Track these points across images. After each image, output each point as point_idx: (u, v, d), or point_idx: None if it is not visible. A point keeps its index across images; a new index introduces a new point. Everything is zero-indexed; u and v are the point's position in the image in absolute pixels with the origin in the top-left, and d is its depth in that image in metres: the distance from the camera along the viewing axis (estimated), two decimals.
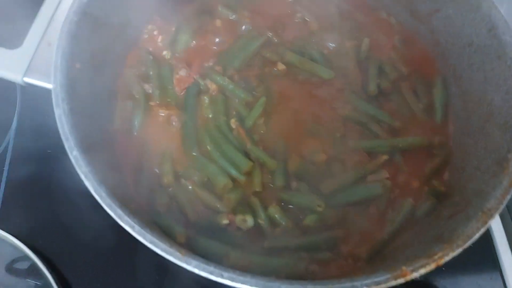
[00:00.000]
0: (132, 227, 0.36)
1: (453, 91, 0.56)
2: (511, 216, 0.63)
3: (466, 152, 0.50)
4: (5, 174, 0.62)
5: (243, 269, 0.39)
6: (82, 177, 0.38)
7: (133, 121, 0.53)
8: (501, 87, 0.47)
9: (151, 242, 0.35)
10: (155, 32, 0.59)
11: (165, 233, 0.41)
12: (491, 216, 0.38)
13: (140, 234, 0.36)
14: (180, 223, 0.47)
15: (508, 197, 0.39)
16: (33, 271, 0.55)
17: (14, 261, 0.57)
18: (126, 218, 0.36)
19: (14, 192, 0.61)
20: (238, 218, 0.47)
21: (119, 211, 0.36)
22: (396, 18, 0.62)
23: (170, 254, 0.35)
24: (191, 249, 0.43)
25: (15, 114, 0.66)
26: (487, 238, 0.59)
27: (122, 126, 0.53)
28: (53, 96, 0.41)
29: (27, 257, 0.55)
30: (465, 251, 0.37)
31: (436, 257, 0.36)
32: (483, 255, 0.59)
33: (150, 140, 0.52)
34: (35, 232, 0.58)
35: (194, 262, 0.35)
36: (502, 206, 0.38)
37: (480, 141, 0.48)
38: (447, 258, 0.36)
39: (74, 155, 0.38)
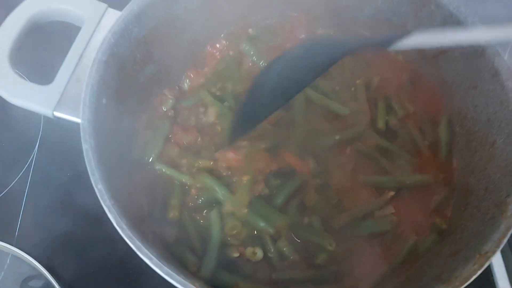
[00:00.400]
0: (150, 259, 0.39)
1: (457, 130, 0.58)
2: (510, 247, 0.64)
3: (469, 191, 0.52)
4: (25, 195, 0.66)
5: None
6: (106, 210, 0.41)
7: (151, 151, 0.57)
8: (503, 130, 0.49)
9: (167, 274, 0.38)
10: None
11: (178, 262, 0.44)
12: (487, 258, 0.40)
13: (157, 266, 0.39)
14: (191, 252, 0.50)
15: (505, 241, 0.41)
16: None
17: (28, 278, 0.60)
18: (144, 250, 0.39)
19: (33, 213, 0.65)
20: (248, 251, 0.50)
21: (138, 243, 0.39)
22: (404, 57, 0.64)
23: (185, 286, 0.38)
24: (202, 277, 0.46)
25: (38, 138, 0.70)
26: (487, 272, 0.61)
27: (140, 156, 0.57)
28: (81, 131, 0.45)
29: (41, 276, 0.59)
30: None
31: None
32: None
33: (163, 172, 0.55)
34: (51, 252, 0.62)
35: None
36: (499, 250, 0.40)
37: (481, 182, 0.50)
38: None
39: (99, 188, 0.42)
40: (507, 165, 0.47)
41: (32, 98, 0.49)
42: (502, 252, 0.63)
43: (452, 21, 0.55)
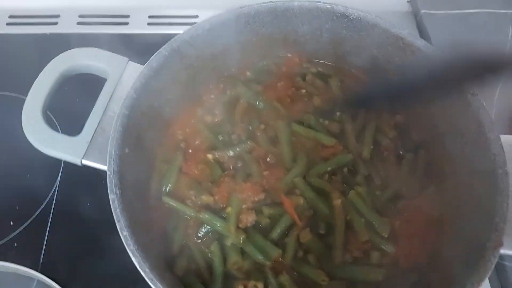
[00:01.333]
0: None
1: (447, 171, 0.63)
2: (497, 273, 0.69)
3: (457, 233, 0.57)
4: (48, 224, 0.72)
5: None
6: (130, 254, 0.47)
7: (167, 182, 0.62)
8: (486, 180, 0.54)
9: None
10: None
11: None
12: None
13: None
14: (201, 284, 0.55)
15: (482, 284, 0.46)
16: None
17: None
18: None
19: (56, 241, 0.70)
20: (250, 285, 0.55)
21: (159, 285, 0.45)
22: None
23: None
24: None
25: (60, 169, 0.76)
26: None
27: (157, 190, 0.62)
28: (108, 182, 0.50)
29: None
30: None
31: None
32: None
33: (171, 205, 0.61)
34: (73, 277, 0.67)
35: None
36: None
37: (468, 225, 0.55)
38: None
39: (124, 235, 0.48)
40: (488, 212, 0.51)
41: (63, 149, 0.55)
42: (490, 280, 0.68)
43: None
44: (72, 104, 0.75)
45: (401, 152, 0.66)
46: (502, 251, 0.49)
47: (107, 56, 0.61)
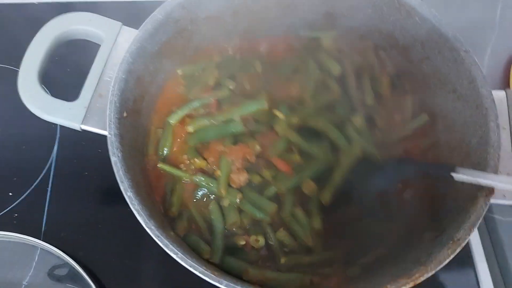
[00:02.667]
0: (176, 254, 0.46)
1: (440, 128, 0.64)
2: (486, 225, 0.73)
3: (448, 183, 0.59)
4: (48, 193, 0.73)
5: (260, 283, 0.49)
6: (136, 213, 0.48)
7: (163, 147, 0.63)
8: (477, 132, 0.56)
9: (190, 266, 0.46)
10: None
11: (193, 250, 0.52)
12: (459, 245, 0.47)
13: (182, 260, 0.46)
14: (204, 242, 0.57)
15: (474, 229, 0.48)
16: (72, 276, 0.65)
17: (54, 267, 0.66)
18: (170, 246, 0.46)
19: (56, 209, 0.72)
20: (252, 238, 0.57)
21: (165, 241, 0.47)
22: (391, 61, 0.70)
23: (206, 276, 0.45)
24: (216, 264, 0.54)
25: (57, 138, 0.76)
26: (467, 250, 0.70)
27: (153, 156, 0.63)
28: (109, 146, 0.51)
29: (67, 264, 0.65)
30: None
31: (414, 277, 0.46)
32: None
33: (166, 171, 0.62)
34: (75, 243, 0.68)
35: (225, 282, 0.45)
36: (469, 237, 0.48)
37: None
38: (422, 278, 0.46)
39: (129, 195, 0.49)
40: (479, 163, 0.53)
41: (61, 114, 0.55)
42: (480, 231, 0.71)
43: (435, 33, 0.61)
44: (64, 72, 0.74)
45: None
46: (493, 200, 0.51)
47: (100, 21, 0.61)
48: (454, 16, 0.89)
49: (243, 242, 0.58)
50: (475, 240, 0.70)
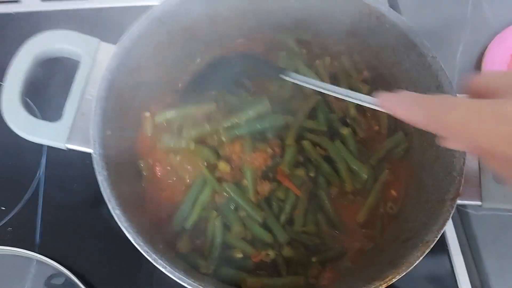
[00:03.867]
0: (164, 268, 0.49)
1: (412, 131, 0.68)
2: (461, 219, 0.77)
3: (421, 185, 0.63)
4: (40, 206, 0.74)
5: None
6: (124, 230, 0.50)
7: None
8: None
9: (179, 279, 0.48)
10: None
11: (190, 266, 0.54)
12: (428, 247, 0.51)
13: (170, 273, 0.49)
14: (202, 257, 0.59)
15: (441, 231, 0.52)
16: (68, 286, 0.67)
17: (50, 277, 0.69)
18: (160, 261, 0.49)
19: (49, 220, 0.73)
20: (263, 253, 0.59)
21: (154, 256, 0.49)
22: (365, 64, 0.73)
23: (194, 287, 0.48)
24: (214, 276, 0.56)
25: (45, 152, 0.77)
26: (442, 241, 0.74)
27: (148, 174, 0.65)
28: (94, 165, 0.53)
29: (62, 274, 0.68)
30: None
31: (387, 279, 0.50)
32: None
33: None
34: (69, 253, 0.70)
35: None
36: (437, 239, 0.51)
37: (430, 178, 0.60)
38: (394, 280, 0.49)
39: (117, 213, 0.51)
40: (447, 166, 0.57)
41: (45, 135, 0.56)
42: (455, 225, 0.76)
43: (404, 39, 0.63)
44: (46, 89, 0.75)
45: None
46: (459, 201, 0.55)
47: (78, 38, 0.61)
48: (427, 14, 0.92)
49: (240, 255, 0.60)
50: (450, 234, 0.74)
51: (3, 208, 0.73)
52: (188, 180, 0.63)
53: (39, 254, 0.69)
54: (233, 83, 0.69)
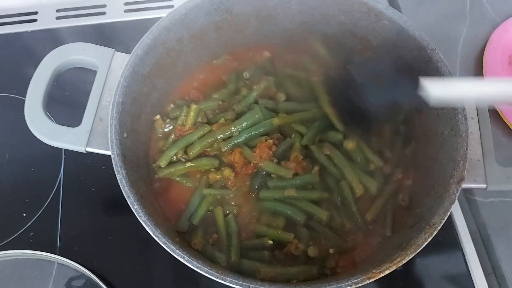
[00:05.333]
0: (183, 257, 0.51)
1: (416, 122, 0.70)
2: (470, 207, 0.78)
3: (426, 172, 0.64)
4: (60, 211, 0.77)
5: (272, 280, 0.56)
6: (143, 224, 0.53)
7: (164, 157, 0.68)
8: (448, 124, 0.61)
9: (197, 267, 0.51)
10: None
11: (208, 259, 0.57)
12: (435, 229, 0.52)
13: (188, 262, 0.51)
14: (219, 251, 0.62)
15: (448, 214, 0.54)
16: (90, 286, 0.70)
17: (72, 279, 0.71)
18: (177, 251, 0.52)
19: (69, 224, 0.76)
20: (293, 245, 0.61)
21: (172, 247, 0.52)
22: None
23: (211, 274, 0.50)
24: (231, 268, 0.58)
25: (63, 157, 0.81)
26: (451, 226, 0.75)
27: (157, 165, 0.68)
28: (113, 165, 0.56)
29: (83, 276, 0.70)
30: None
31: (396, 261, 0.51)
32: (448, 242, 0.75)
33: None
34: (90, 254, 0.73)
35: (228, 279, 0.50)
36: (443, 221, 0.53)
37: (435, 165, 0.62)
38: (403, 262, 0.51)
39: (135, 208, 0.54)
40: (451, 152, 0.58)
41: (67, 140, 0.60)
42: (464, 214, 0.77)
43: (404, 34, 0.66)
44: (64, 98, 0.79)
45: None
46: (464, 185, 0.56)
47: (94, 49, 0.65)
48: (428, 10, 0.94)
49: (271, 242, 0.62)
50: (460, 222, 0.75)
51: (24, 215, 0.76)
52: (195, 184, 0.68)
53: (60, 256, 0.71)
54: None
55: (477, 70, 0.88)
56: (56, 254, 0.72)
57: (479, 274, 0.71)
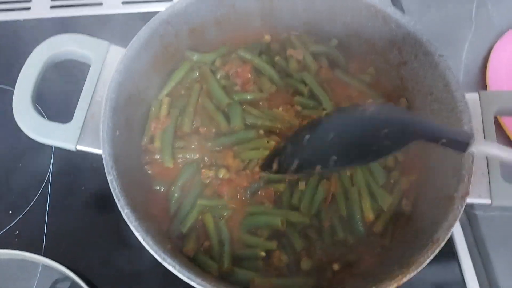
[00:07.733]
0: (174, 267, 0.49)
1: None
2: (469, 221, 0.76)
3: (430, 182, 0.62)
4: (46, 211, 0.74)
5: None
6: (133, 229, 0.50)
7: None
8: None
9: (188, 278, 0.48)
10: None
11: (200, 268, 0.54)
12: (438, 246, 0.50)
13: (180, 272, 0.49)
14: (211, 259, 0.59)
15: (452, 229, 0.52)
16: None
17: (56, 281, 0.69)
18: (169, 259, 0.49)
19: (55, 226, 0.73)
20: (276, 256, 0.59)
21: (163, 255, 0.49)
22: (372, 64, 0.73)
23: (203, 286, 0.48)
24: (224, 277, 0.56)
25: (52, 157, 0.78)
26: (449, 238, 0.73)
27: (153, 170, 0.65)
28: (104, 164, 0.53)
29: (68, 278, 0.67)
30: None
31: (397, 278, 0.49)
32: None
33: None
34: (75, 257, 0.70)
35: None
36: (447, 237, 0.51)
37: (439, 177, 0.60)
38: (405, 279, 0.49)
39: (126, 212, 0.51)
40: (455, 166, 0.56)
41: (56, 137, 0.57)
42: (462, 227, 0.75)
43: (411, 39, 0.63)
44: (54, 92, 0.76)
45: None
46: (469, 200, 0.54)
47: (88, 41, 0.62)
48: (432, 15, 0.92)
49: (263, 254, 0.60)
50: (458, 235, 0.74)
51: (10, 212, 0.74)
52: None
53: (45, 257, 0.68)
54: None
55: (482, 79, 0.86)
56: (41, 255, 0.69)
57: (475, 287, 0.70)
